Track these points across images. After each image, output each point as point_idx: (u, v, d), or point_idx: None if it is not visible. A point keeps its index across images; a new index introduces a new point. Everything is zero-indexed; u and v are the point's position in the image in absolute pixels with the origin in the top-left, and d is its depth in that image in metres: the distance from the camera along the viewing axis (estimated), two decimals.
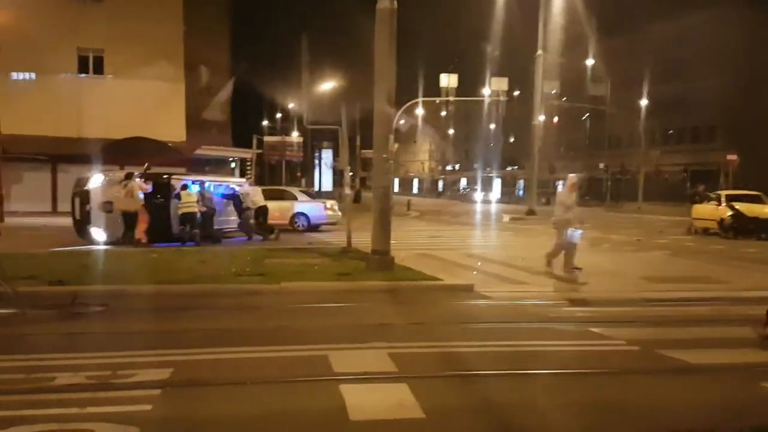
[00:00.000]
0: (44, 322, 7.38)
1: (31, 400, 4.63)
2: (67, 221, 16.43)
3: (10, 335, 6.78)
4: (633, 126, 46.99)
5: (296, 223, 20.28)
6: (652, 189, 44.44)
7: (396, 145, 16.08)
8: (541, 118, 37.22)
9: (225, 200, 17.03)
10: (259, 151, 43.43)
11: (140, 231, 14.76)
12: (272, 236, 16.75)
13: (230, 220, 17.27)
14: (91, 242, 14.79)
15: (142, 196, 14.85)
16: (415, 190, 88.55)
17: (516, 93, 43.88)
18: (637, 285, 10.63)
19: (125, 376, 5.20)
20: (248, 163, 40.83)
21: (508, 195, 64.26)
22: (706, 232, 21.46)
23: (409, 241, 17.09)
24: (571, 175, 12.10)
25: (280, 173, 55.16)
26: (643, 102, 49.14)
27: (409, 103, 36.65)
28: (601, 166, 51.06)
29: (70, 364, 5.48)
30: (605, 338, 6.92)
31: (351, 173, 19.29)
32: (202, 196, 16.07)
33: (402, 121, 46.44)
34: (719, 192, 23.17)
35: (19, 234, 17.04)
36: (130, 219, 14.61)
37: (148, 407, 4.55)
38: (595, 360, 6.09)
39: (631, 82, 49.91)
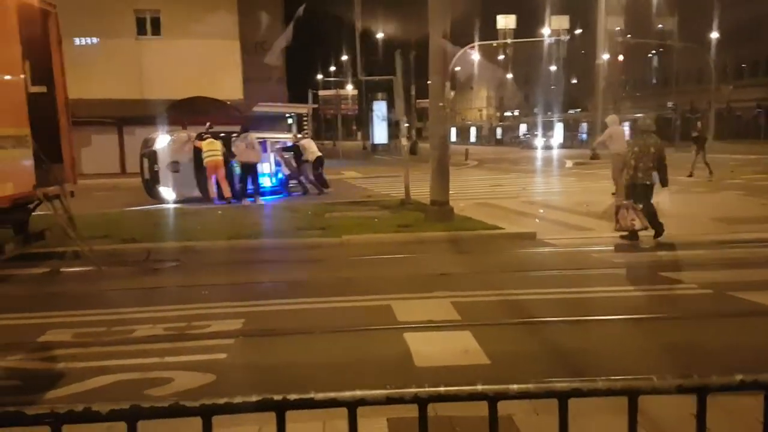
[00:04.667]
0: (121, 277, 7.75)
1: (114, 351, 4.91)
2: (137, 181, 17.03)
3: (89, 291, 7.17)
4: (703, 61, 44.44)
5: None
6: (723, 127, 42.19)
7: (452, 93, 15.73)
8: (605, 56, 35.62)
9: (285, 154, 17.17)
10: (315, 105, 43.51)
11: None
12: (327, 190, 16.86)
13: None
14: (161, 201, 15.29)
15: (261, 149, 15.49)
16: (473, 139, 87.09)
17: (578, 31, 42.02)
18: (709, 227, 10.24)
19: (200, 327, 5.43)
20: (304, 118, 41.03)
21: (570, 139, 62.38)
22: None
23: (468, 190, 16.93)
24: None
25: (336, 127, 55.29)
26: (714, 35, 46.25)
27: (465, 48, 35.64)
28: (669, 104, 48.71)
29: (148, 317, 5.77)
30: (676, 282, 6.74)
31: (407, 124, 19.03)
32: (302, 145, 16.69)
33: (458, 68, 45.42)
34: None
35: (91, 195, 17.77)
36: (250, 171, 15.04)
37: (223, 356, 4.75)
38: (666, 304, 5.95)
39: (700, 13, 46.97)
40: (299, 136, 20.02)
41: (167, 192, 15.40)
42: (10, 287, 7.39)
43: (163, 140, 15.83)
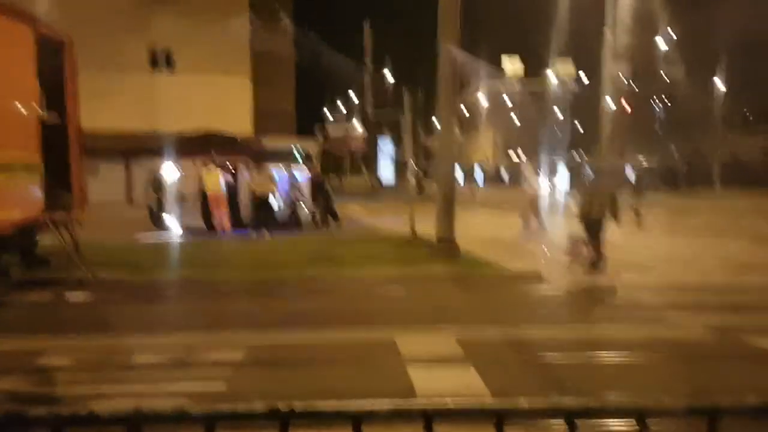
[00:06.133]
0: (123, 305, 7.72)
1: (112, 377, 4.86)
2: (142, 212, 17.10)
3: (90, 317, 7.13)
4: (709, 108, 44.79)
5: None
6: (729, 175, 42.30)
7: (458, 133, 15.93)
8: (609, 101, 35.94)
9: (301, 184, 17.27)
10: (323, 141, 43.90)
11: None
12: (337, 223, 16.89)
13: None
14: (166, 231, 15.33)
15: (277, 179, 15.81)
16: (478, 180, 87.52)
17: (582, 75, 42.56)
18: (714, 271, 10.17)
19: (201, 356, 5.38)
20: (311, 153, 41.35)
21: (575, 182, 62.57)
22: None
23: (474, 229, 16.88)
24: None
25: (343, 163, 55.72)
26: (721, 83, 46.72)
27: (470, 90, 36.05)
28: (674, 150, 48.95)
29: (147, 344, 5.73)
30: (681, 324, 6.66)
31: (413, 162, 19.13)
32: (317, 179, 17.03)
33: (463, 109, 45.91)
34: None
35: (96, 224, 17.82)
36: (264, 203, 15.18)
37: (222, 385, 4.70)
38: (671, 346, 5.87)
39: (707, 61, 47.50)
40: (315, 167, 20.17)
41: (172, 222, 15.46)
42: (12, 311, 7.36)
43: (169, 172, 15.98)
